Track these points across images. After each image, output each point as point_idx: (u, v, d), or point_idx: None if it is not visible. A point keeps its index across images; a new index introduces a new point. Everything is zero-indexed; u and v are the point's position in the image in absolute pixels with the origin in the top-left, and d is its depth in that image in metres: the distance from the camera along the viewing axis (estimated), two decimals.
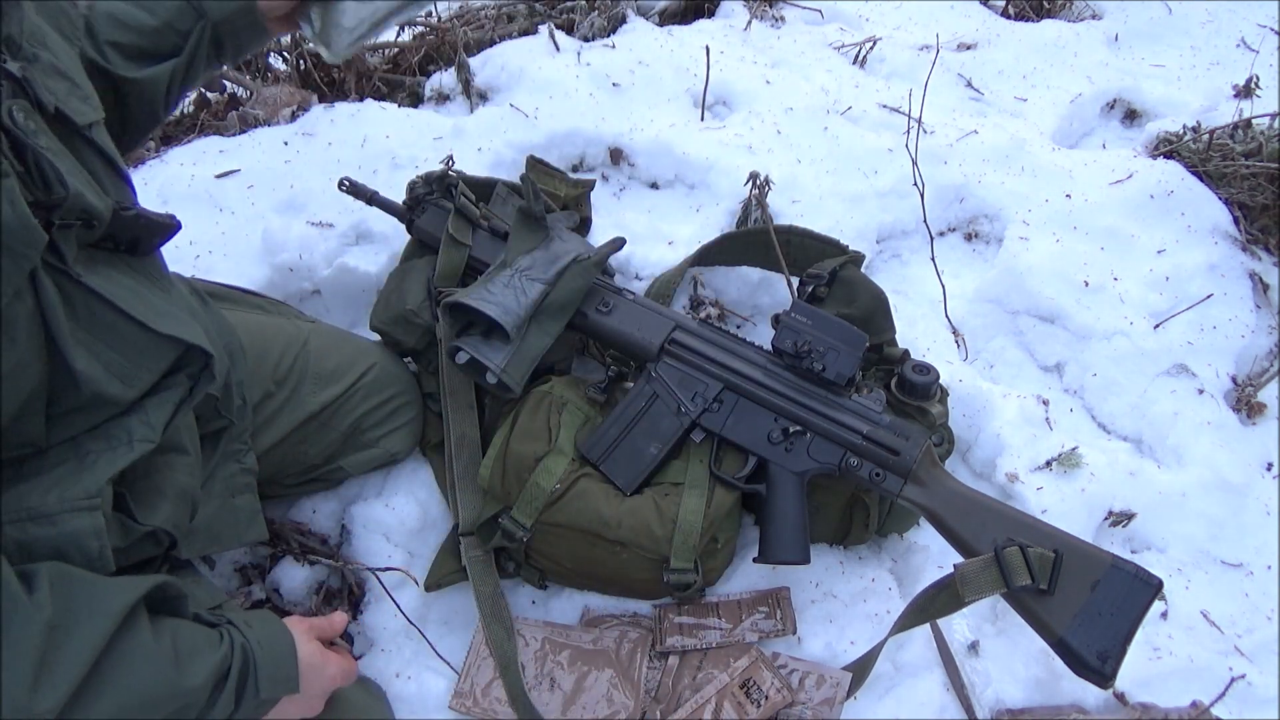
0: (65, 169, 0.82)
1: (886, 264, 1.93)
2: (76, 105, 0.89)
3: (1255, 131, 2.11)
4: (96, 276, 0.87)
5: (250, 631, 0.93)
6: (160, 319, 0.92)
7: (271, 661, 0.93)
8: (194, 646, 0.87)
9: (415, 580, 1.35)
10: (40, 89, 0.84)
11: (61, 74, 0.89)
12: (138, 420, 0.91)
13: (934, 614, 1.23)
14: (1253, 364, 1.83)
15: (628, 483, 1.33)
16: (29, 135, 0.79)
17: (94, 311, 0.86)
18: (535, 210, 1.45)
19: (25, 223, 0.74)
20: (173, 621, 0.88)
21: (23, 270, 0.76)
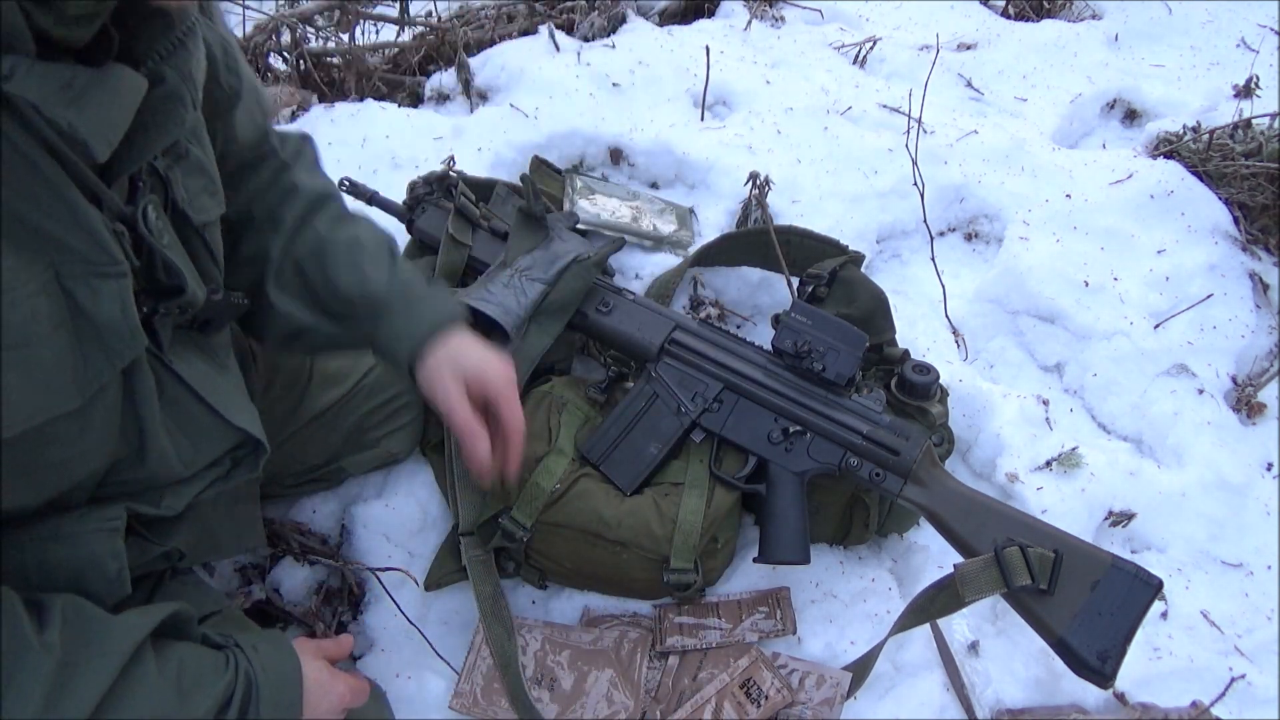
0: (181, 263, 0.84)
1: (886, 264, 1.93)
2: (204, 202, 0.90)
3: (1255, 131, 2.11)
4: (183, 363, 0.88)
5: (256, 656, 0.91)
6: (232, 409, 0.94)
7: (275, 688, 0.91)
8: (199, 675, 0.86)
9: (415, 580, 1.35)
10: (178, 189, 0.85)
11: (204, 170, 0.90)
12: (171, 492, 0.92)
13: (934, 614, 1.23)
14: (1253, 364, 1.83)
15: (628, 483, 1.33)
16: (157, 237, 0.80)
17: (178, 399, 0.88)
18: (535, 210, 1.45)
19: (131, 326, 0.75)
20: (179, 648, 0.87)
21: (114, 369, 0.76)
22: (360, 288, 1.07)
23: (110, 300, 0.73)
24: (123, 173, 0.77)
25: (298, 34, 2.18)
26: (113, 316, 0.74)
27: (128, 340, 0.75)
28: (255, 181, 1.10)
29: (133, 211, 0.78)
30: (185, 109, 0.79)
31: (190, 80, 0.79)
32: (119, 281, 0.74)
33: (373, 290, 1.08)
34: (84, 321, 0.72)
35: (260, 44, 2.20)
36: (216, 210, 0.94)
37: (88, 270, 0.71)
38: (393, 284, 1.09)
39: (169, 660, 0.84)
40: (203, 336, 0.95)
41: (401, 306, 1.09)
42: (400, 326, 1.08)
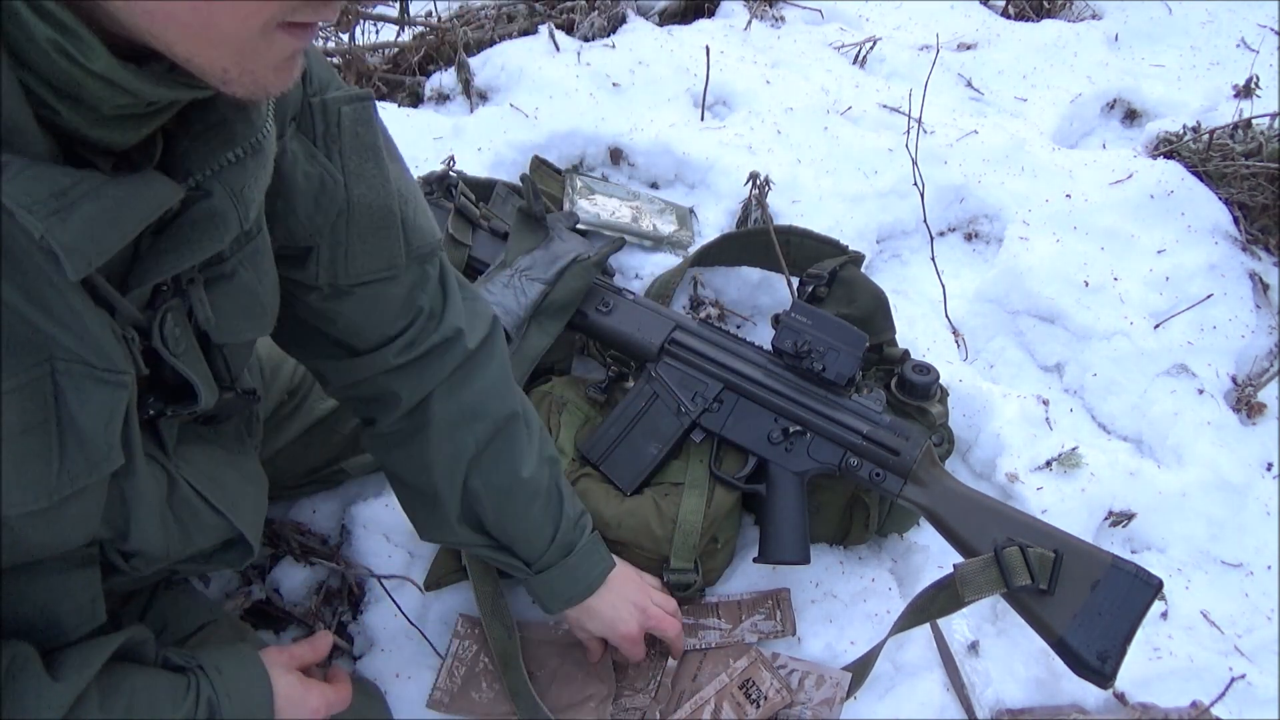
0: (195, 372, 0.79)
1: (886, 264, 1.93)
2: (237, 325, 0.84)
3: (1255, 131, 2.11)
4: (187, 464, 0.86)
5: (220, 680, 0.87)
6: (238, 507, 0.91)
7: (242, 709, 0.88)
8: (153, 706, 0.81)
9: (415, 581, 1.35)
10: (201, 309, 0.78)
11: (250, 293, 0.83)
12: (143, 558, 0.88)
13: (934, 614, 1.23)
14: (1253, 364, 1.83)
15: (628, 483, 1.33)
16: (171, 347, 0.76)
17: (187, 500, 0.86)
18: (535, 210, 1.45)
19: (110, 442, 0.70)
20: (133, 680, 0.82)
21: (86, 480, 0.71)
22: (530, 538, 1.13)
23: (99, 408, 0.68)
24: (144, 282, 0.71)
25: None
26: (95, 427, 0.68)
27: (103, 455, 0.70)
28: (436, 373, 1.04)
29: (150, 318, 0.74)
30: (225, 229, 0.72)
31: (241, 199, 0.72)
32: (116, 391, 0.69)
33: (540, 544, 1.14)
34: (68, 424, 0.67)
35: None
36: (253, 334, 0.88)
37: (86, 372, 0.67)
38: (555, 540, 1.14)
39: (120, 694, 0.80)
40: (208, 429, 0.92)
41: (560, 567, 1.15)
42: (556, 588, 1.17)
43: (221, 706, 0.85)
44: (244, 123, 0.70)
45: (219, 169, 0.69)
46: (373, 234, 0.92)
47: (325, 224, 0.88)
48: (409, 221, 0.95)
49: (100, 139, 0.62)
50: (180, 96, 0.62)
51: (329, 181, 0.86)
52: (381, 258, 0.94)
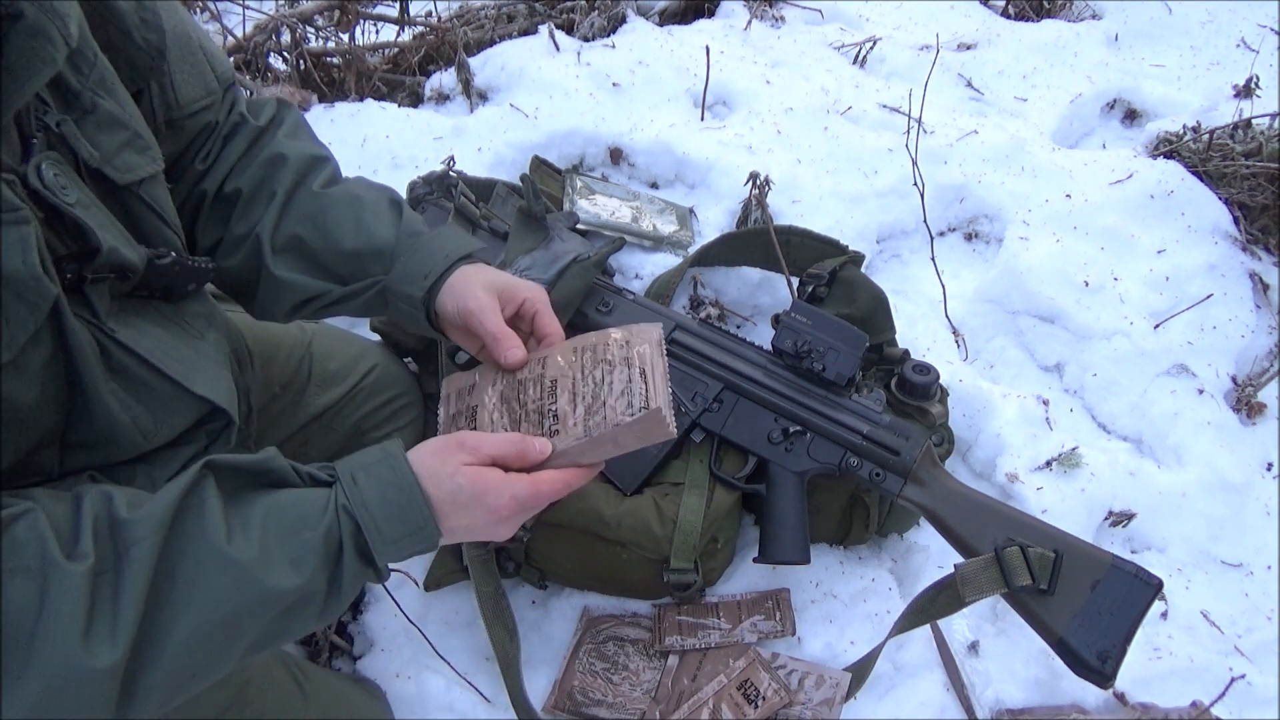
0: (97, 224, 0.78)
1: (886, 264, 1.93)
2: (128, 159, 0.85)
3: (1255, 131, 2.11)
4: (130, 330, 0.84)
5: (355, 491, 0.80)
6: (193, 376, 0.89)
7: (387, 520, 0.80)
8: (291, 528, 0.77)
9: (415, 580, 1.35)
10: (81, 145, 0.80)
11: (121, 124, 0.84)
12: (143, 471, 0.89)
13: (934, 614, 1.23)
14: (1253, 364, 1.83)
15: (628, 483, 1.33)
16: (57, 192, 0.75)
17: (127, 366, 0.83)
18: (535, 210, 1.45)
19: (34, 273, 0.71)
20: (270, 498, 0.78)
21: (36, 319, 0.72)
22: (365, 242, 1.02)
23: (11, 248, 0.69)
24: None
25: (298, 34, 2.18)
26: (14, 264, 0.69)
27: (36, 289, 0.71)
28: (231, 152, 1.05)
29: (24, 168, 0.74)
30: (54, 45, 0.73)
31: (56, 16, 0.73)
32: (20, 229, 0.70)
33: (378, 242, 1.03)
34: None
35: (260, 44, 2.20)
36: (149, 167, 0.88)
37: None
38: (399, 231, 1.04)
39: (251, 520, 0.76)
40: (168, 305, 0.92)
41: (410, 247, 1.03)
42: (412, 266, 1.02)
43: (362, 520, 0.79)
44: None
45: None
46: (187, 61, 0.96)
47: (159, 39, 0.91)
48: (208, 49, 1.00)
49: None
50: None
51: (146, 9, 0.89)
52: (200, 84, 0.98)
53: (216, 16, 2.22)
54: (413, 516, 0.81)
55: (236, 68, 2.19)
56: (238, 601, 0.73)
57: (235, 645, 0.75)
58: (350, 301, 1.06)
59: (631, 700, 1.27)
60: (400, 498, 0.81)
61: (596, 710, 1.26)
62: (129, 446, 0.86)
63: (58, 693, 0.65)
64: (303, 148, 1.08)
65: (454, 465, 0.84)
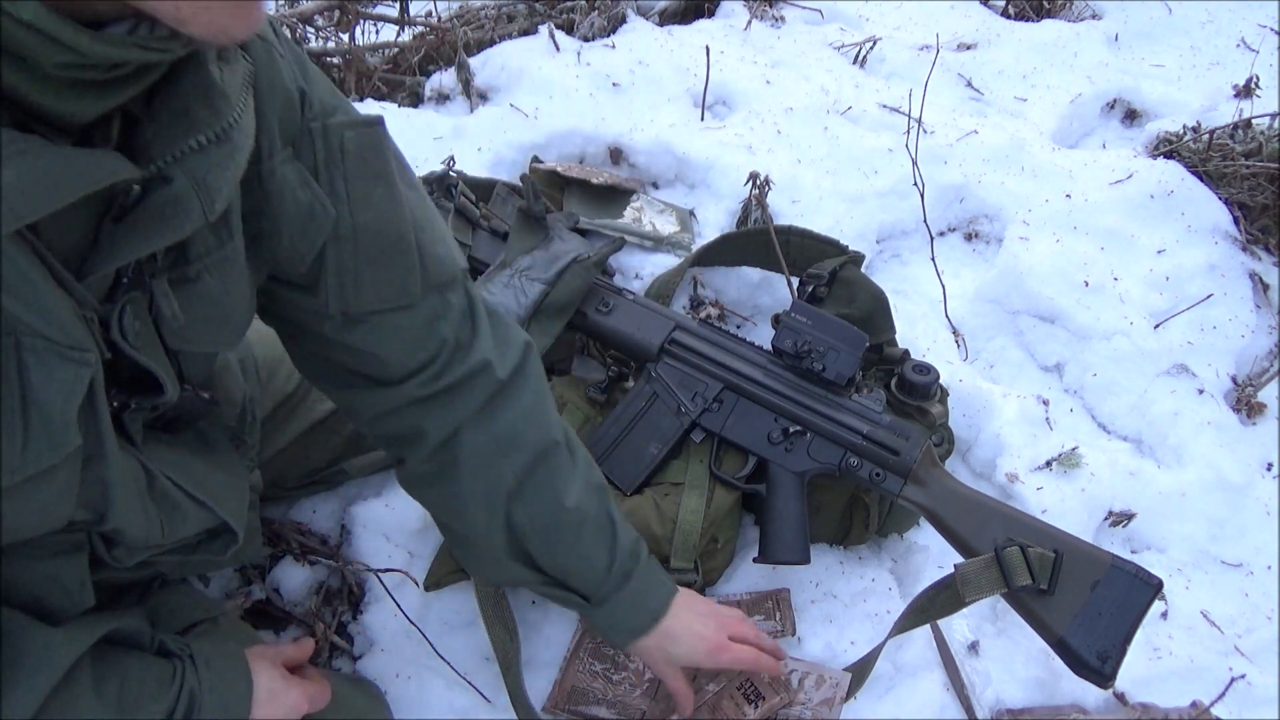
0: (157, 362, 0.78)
1: (886, 264, 1.93)
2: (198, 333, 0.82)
3: (1255, 131, 2.11)
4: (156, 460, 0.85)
5: (207, 673, 0.88)
6: (220, 499, 0.91)
7: (220, 703, 0.88)
8: (141, 693, 0.82)
9: (415, 581, 1.35)
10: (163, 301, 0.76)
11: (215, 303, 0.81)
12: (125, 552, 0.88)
13: (934, 614, 1.23)
14: (1253, 364, 1.83)
15: (628, 483, 1.33)
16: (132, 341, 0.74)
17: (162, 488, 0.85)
18: (535, 210, 1.45)
19: (66, 420, 0.68)
20: (125, 662, 0.83)
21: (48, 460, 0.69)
22: (582, 565, 1.08)
23: (60, 386, 0.66)
24: (101, 267, 0.69)
25: (298, 34, 2.18)
26: (53, 403, 0.66)
27: (60, 431, 0.68)
28: (464, 406, 1.01)
29: (109, 310, 0.72)
30: (186, 217, 0.70)
31: (204, 188, 0.70)
32: (80, 369, 0.68)
33: (595, 575, 1.09)
34: (30, 401, 0.65)
35: None
36: (213, 345, 0.87)
37: (49, 348, 0.65)
38: (611, 569, 1.10)
39: (110, 677, 0.81)
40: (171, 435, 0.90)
41: (620, 596, 1.10)
42: (621, 618, 1.12)
43: (202, 701, 0.86)
44: (209, 109, 0.69)
45: (181, 155, 0.68)
46: (383, 261, 0.90)
47: (310, 252, 0.87)
48: (425, 249, 0.93)
49: (51, 108, 0.61)
50: (128, 57, 0.60)
51: (319, 210, 0.85)
52: (394, 286, 0.92)
53: None
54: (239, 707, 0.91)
55: None
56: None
57: None
58: (546, 597, 1.15)
59: (631, 700, 1.26)
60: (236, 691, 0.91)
61: (596, 710, 1.26)
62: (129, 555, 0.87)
63: None
64: (542, 432, 1.06)
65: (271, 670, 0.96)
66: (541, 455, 1.05)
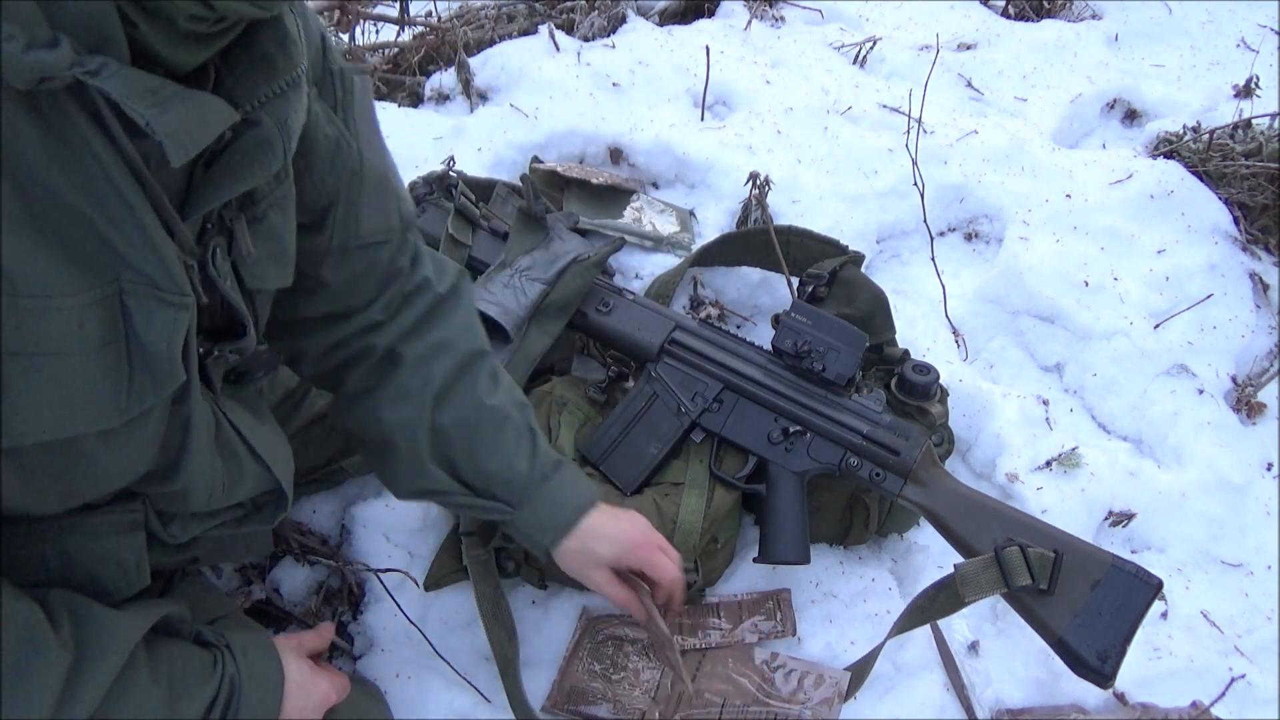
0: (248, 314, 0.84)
1: (886, 264, 1.93)
2: (266, 270, 0.88)
3: (1255, 131, 2.11)
4: (230, 410, 0.89)
5: (244, 661, 0.90)
6: (276, 459, 0.95)
7: (257, 693, 0.91)
8: (187, 677, 0.85)
9: (415, 581, 1.35)
10: (242, 243, 0.83)
11: (277, 239, 0.88)
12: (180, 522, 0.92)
13: (934, 614, 1.23)
14: (1253, 364, 1.83)
15: (628, 483, 1.33)
16: (222, 278, 0.80)
17: (229, 441, 0.89)
18: (535, 210, 1.45)
19: (173, 358, 0.74)
20: (171, 647, 0.86)
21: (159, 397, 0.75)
22: (502, 469, 1.09)
23: (162, 328, 0.72)
24: (200, 208, 0.76)
25: None
26: (159, 344, 0.72)
27: (168, 371, 0.74)
28: (408, 316, 1.07)
29: (202, 251, 0.78)
30: (274, 157, 0.77)
31: (285, 129, 0.77)
32: (179, 313, 0.73)
33: (514, 475, 1.09)
34: (135, 344, 0.71)
35: None
36: (276, 283, 0.91)
37: (151, 293, 0.70)
38: (533, 470, 1.11)
39: (160, 660, 0.83)
40: (237, 388, 0.95)
41: (541, 495, 1.11)
42: (543, 516, 1.11)
43: (242, 687, 0.88)
44: (285, 57, 0.75)
45: (266, 100, 0.74)
46: (378, 196, 0.99)
47: (337, 185, 0.93)
48: (400, 189, 1.04)
49: (168, 58, 0.66)
50: (244, 12, 0.67)
51: (345, 144, 0.92)
52: (383, 220, 1.01)
53: None
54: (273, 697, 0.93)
55: None
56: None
57: None
58: (467, 510, 1.16)
59: (631, 700, 1.26)
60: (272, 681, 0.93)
61: (596, 710, 1.26)
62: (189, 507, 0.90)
63: None
64: (471, 340, 1.12)
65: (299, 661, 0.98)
66: (470, 360, 1.10)
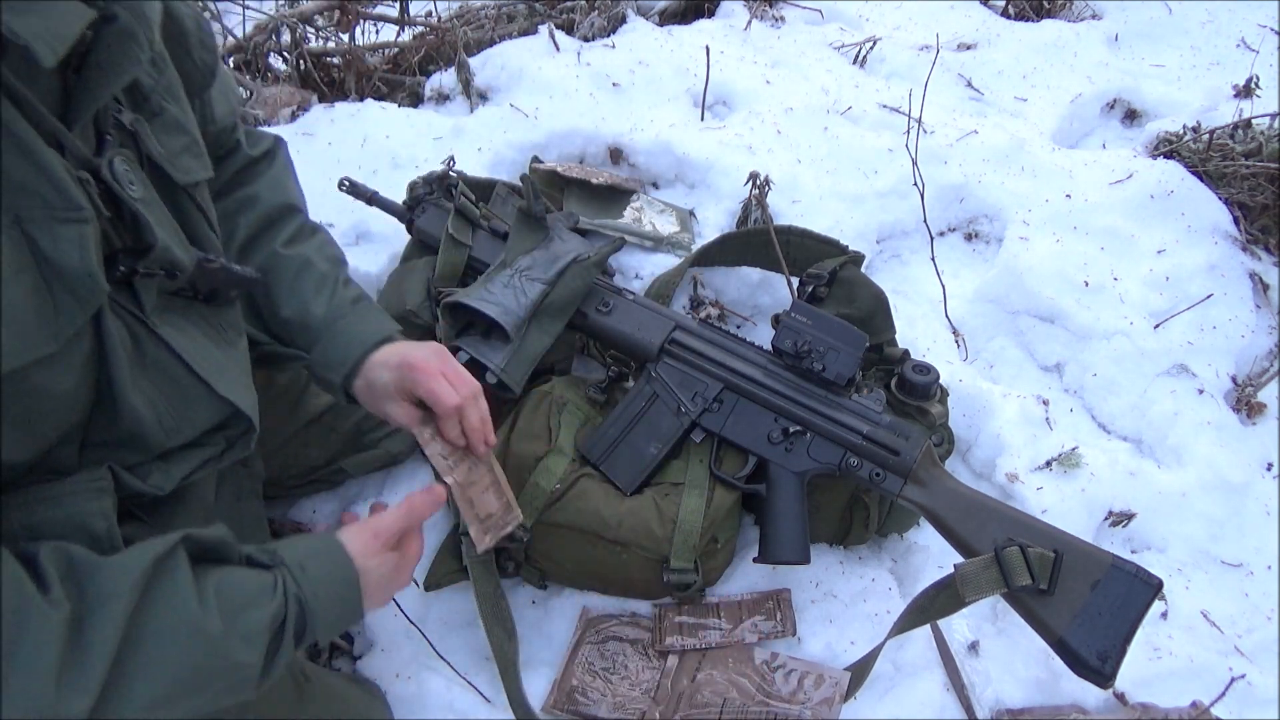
0: (155, 219, 0.82)
1: (886, 264, 1.93)
2: (187, 163, 0.90)
3: (1255, 131, 2.11)
4: (170, 328, 0.87)
5: (305, 578, 0.85)
6: (221, 379, 0.92)
7: (331, 607, 0.87)
8: (245, 597, 0.81)
9: (415, 580, 1.35)
10: (151, 143, 0.85)
11: (183, 129, 0.90)
12: (159, 469, 0.89)
13: (934, 614, 1.23)
14: (1253, 364, 1.83)
15: (628, 483, 1.33)
16: (124, 187, 0.80)
17: (161, 362, 0.86)
18: (535, 210, 1.45)
19: (90, 271, 0.74)
20: (219, 573, 0.81)
21: (85, 314, 0.75)
22: (298, 313, 1.09)
23: (70, 245, 0.72)
24: (83, 113, 0.76)
25: (298, 34, 2.18)
26: (71, 261, 0.72)
27: (89, 286, 0.74)
28: (218, 177, 1.07)
29: (99, 161, 0.78)
30: (140, 48, 0.78)
31: (143, 19, 0.78)
32: (79, 227, 0.73)
33: (309, 318, 1.09)
34: (48, 268, 0.72)
35: (260, 44, 2.20)
36: (203, 173, 0.93)
37: (48, 215, 0.71)
38: (328, 313, 1.09)
39: (207, 587, 0.79)
40: (208, 309, 0.94)
41: (331, 333, 1.09)
42: (331, 355, 1.09)
43: (311, 606, 0.85)
44: None
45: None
46: (221, 81, 1.02)
47: (213, 61, 0.95)
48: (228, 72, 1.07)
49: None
50: None
51: (204, 22, 0.96)
52: (227, 102, 1.05)
53: (217, 16, 2.22)
54: (351, 606, 0.90)
55: (237, 68, 2.20)
56: (203, 669, 0.77)
57: (191, 708, 0.78)
58: (278, 361, 1.14)
59: (631, 700, 1.27)
60: (344, 591, 0.89)
61: (596, 710, 1.26)
62: (150, 444, 0.88)
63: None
64: (278, 196, 1.12)
65: (378, 557, 0.94)
66: (276, 215, 1.11)
